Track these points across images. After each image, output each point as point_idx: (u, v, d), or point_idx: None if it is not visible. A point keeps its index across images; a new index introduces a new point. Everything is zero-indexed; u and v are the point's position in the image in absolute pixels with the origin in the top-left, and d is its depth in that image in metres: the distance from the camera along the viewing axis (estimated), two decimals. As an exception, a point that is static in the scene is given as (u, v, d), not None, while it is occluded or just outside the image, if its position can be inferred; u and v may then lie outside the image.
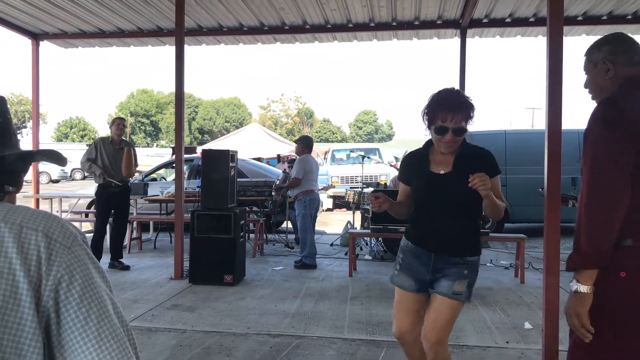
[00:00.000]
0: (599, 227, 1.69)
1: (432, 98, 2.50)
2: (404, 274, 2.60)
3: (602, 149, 1.72)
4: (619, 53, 1.88)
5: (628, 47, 1.89)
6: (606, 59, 1.90)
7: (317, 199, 7.15)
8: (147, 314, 4.73)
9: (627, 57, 1.88)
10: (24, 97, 52.10)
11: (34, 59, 9.15)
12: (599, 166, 1.71)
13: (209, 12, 7.81)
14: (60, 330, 0.82)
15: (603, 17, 7.86)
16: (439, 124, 2.42)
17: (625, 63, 1.87)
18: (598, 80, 1.95)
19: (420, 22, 8.22)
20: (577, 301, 1.75)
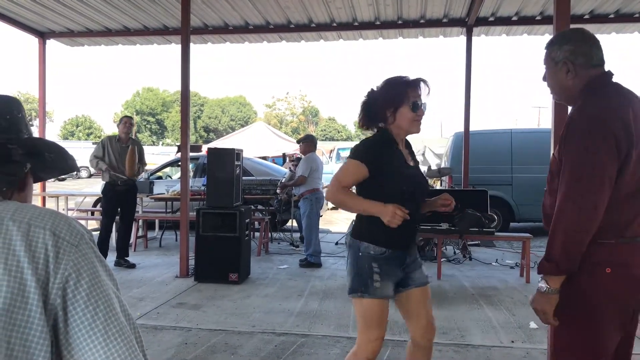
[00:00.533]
0: (573, 240, 1.73)
1: (391, 82, 2.41)
2: (386, 282, 2.36)
3: (585, 161, 1.72)
4: (579, 54, 1.89)
5: (588, 48, 1.90)
6: (566, 59, 1.90)
7: (322, 197, 7.16)
8: (152, 312, 4.75)
9: (586, 58, 1.88)
10: (30, 96, 52.32)
11: (40, 57, 9.19)
12: (579, 178, 1.72)
13: (214, 10, 7.82)
14: (67, 328, 0.83)
15: (610, 16, 7.82)
16: (414, 100, 2.34)
17: (585, 65, 1.88)
18: (560, 79, 1.95)
19: (426, 20, 8.20)
20: (544, 300, 1.83)
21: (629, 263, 1.78)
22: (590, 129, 1.74)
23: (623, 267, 1.78)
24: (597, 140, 1.71)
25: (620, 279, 1.77)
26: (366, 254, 2.35)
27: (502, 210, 9.39)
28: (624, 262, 1.78)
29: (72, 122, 62.61)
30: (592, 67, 1.89)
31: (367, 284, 2.33)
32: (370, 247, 2.35)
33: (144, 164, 6.86)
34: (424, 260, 7.14)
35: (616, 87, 1.88)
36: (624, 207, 1.77)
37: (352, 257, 2.41)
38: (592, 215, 1.70)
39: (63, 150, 1.06)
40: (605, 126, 1.72)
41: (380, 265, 2.34)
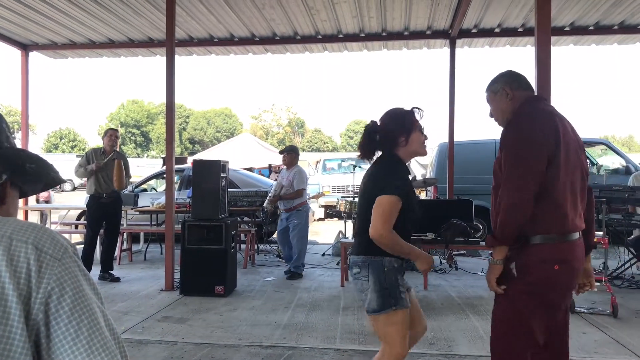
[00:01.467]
0: (508, 220, 2.18)
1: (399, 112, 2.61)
2: (405, 292, 2.51)
3: (523, 154, 2.18)
4: (513, 81, 2.43)
5: (517, 77, 2.45)
6: (503, 86, 2.42)
7: (310, 209, 7.19)
8: (137, 326, 4.69)
9: (518, 83, 2.42)
10: (12, 108, 51.74)
11: (23, 69, 9.12)
12: (518, 169, 2.17)
13: (199, 22, 7.83)
14: (50, 343, 0.81)
15: (590, 28, 7.98)
16: (420, 126, 2.60)
17: (519, 88, 2.40)
18: (501, 105, 2.45)
19: (409, 32, 8.29)
20: (490, 270, 2.33)
21: (570, 259, 2.22)
22: (521, 140, 2.21)
23: (566, 263, 2.21)
24: (526, 148, 2.18)
25: (564, 273, 2.22)
26: (391, 268, 2.46)
27: (487, 220, 9.41)
28: (566, 258, 2.21)
29: (56, 134, 62.00)
30: (523, 90, 2.41)
31: (397, 297, 2.44)
32: (393, 260, 2.46)
33: (129, 177, 6.82)
34: (410, 270, 7.15)
35: (543, 105, 2.36)
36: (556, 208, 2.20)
37: (377, 273, 2.44)
38: (523, 204, 2.16)
39: (45, 161, 1.04)
40: (532, 137, 2.19)
41: (401, 277, 2.51)
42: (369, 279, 2.45)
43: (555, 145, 2.18)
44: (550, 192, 2.18)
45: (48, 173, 1.03)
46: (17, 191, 1.02)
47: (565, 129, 2.27)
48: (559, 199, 2.20)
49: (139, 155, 59.15)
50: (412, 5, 7.12)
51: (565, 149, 2.21)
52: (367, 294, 2.47)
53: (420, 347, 4.08)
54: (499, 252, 2.27)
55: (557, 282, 2.23)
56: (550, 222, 2.20)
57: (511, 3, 7.01)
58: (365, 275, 2.47)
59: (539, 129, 2.20)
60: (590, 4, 7.02)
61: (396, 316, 2.43)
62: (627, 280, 6.27)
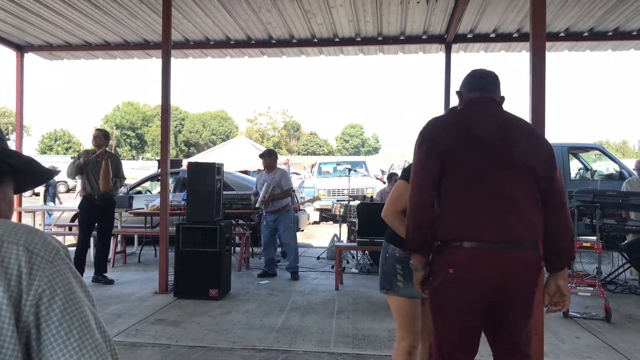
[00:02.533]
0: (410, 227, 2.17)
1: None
2: (409, 282, 2.52)
3: (416, 162, 2.21)
4: (463, 85, 2.39)
5: (469, 79, 2.37)
6: (461, 89, 2.39)
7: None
8: (131, 329, 4.67)
9: (467, 87, 2.35)
10: (7, 109, 51.56)
11: (18, 70, 9.09)
12: (413, 177, 2.19)
13: (195, 25, 7.83)
14: (40, 346, 0.81)
15: (585, 34, 8.02)
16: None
17: (469, 90, 2.34)
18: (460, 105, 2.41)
19: (405, 37, 8.31)
20: (414, 276, 2.29)
21: (470, 265, 2.06)
22: (415, 148, 2.24)
23: (463, 270, 2.07)
24: (417, 157, 2.20)
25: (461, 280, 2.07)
26: (392, 256, 2.66)
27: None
28: (465, 264, 2.07)
29: (51, 136, 61.82)
30: (472, 91, 2.33)
31: (391, 283, 2.65)
32: (396, 249, 2.63)
33: (122, 178, 6.79)
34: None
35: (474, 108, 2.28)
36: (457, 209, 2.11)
37: (382, 256, 2.74)
38: (418, 209, 2.14)
39: (26, 155, 1.02)
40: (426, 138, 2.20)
41: (403, 268, 2.60)
42: (380, 260, 2.76)
43: (455, 147, 2.10)
44: (453, 197, 2.10)
45: (31, 166, 1.01)
46: (9, 189, 1.00)
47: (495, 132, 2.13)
48: (463, 204, 2.08)
49: (134, 157, 59.03)
50: (408, 10, 7.15)
51: (478, 151, 2.09)
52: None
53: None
54: (414, 259, 2.26)
55: (451, 287, 2.09)
56: (454, 227, 2.07)
57: (506, 9, 7.05)
58: (380, 256, 2.78)
59: (432, 137, 2.17)
60: (585, 10, 7.06)
61: (393, 300, 2.67)
62: (621, 285, 6.29)
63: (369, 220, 6.24)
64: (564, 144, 10.02)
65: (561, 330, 4.65)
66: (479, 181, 2.08)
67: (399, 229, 2.49)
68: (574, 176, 10.44)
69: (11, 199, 1.02)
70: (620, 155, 42.68)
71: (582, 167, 11.24)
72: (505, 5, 6.92)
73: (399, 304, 2.64)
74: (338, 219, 8.85)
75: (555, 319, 4.93)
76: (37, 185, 1.13)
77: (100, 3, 6.92)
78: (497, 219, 2.04)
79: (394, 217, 2.53)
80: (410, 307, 2.63)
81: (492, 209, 2.05)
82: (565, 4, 6.85)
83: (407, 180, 2.44)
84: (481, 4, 6.89)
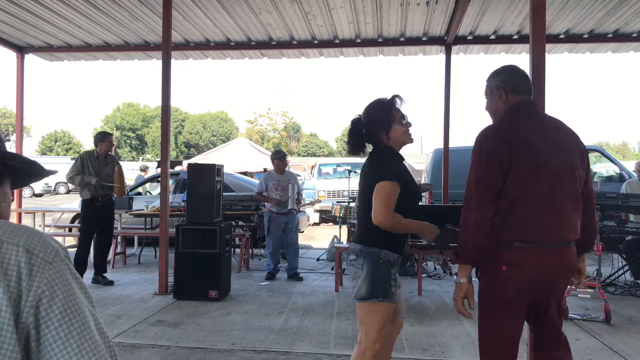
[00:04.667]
0: (468, 238, 2.21)
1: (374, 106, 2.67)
2: (397, 287, 2.58)
3: (477, 170, 2.20)
4: (509, 82, 2.36)
5: (516, 77, 2.37)
6: (500, 86, 2.37)
7: None
8: (130, 330, 4.67)
9: (514, 85, 2.35)
10: (7, 110, 51.55)
11: (18, 71, 9.09)
12: (473, 185, 2.20)
13: (196, 26, 7.84)
14: (40, 347, 0.81)
15: (584, 36, 8.02)
16: (400, 116, 2.64)
17: (514, 91, 2.34)
18: (494, 104, 2.43)
19: (405, 38, 8.32)
20: (456, 289, 2.31)
21: (521, 263, 2.18)
22: (475, 152, 2.22)
23: (516, 266, 2.18)
24: (479, 162, 2.20)
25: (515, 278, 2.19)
26: (387, 261, 2.53)
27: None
28: (516, 262, 2.18)
29: (51, 137, 61.80)
30: (518, 94, 2.35)
31: (386, 289, 2.52)
32: (390, 254, 2.54)
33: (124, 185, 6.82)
34: (405, 276, 7.16)
35: (526, 113, 2.31)
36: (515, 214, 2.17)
37: (371, 264, 2.53)
38: (481, 224, 2.16)
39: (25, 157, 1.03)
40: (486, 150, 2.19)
41: (395, 271, 2.57)
42: (364, 268, 2.55)
43: (517, 158, 2.16)
44: (514, 202, 2.17)
45: (33, 167, 1.02)
46: (7, 187, 1.01)
47: (541, 139, 2.22)
48: (524, 209, 2.17)
49: (134, 158, 59.02)
50: (408, 12, 7.15)
51: (532, 159, 2.17)
52: (358, 282, 2.58)
53: (414, 353, 4.09)
54: (462, 271, 2.28)
55: (506, 282, 2.21)
56: (518, 229, 2.17)
57: (506, 10, 7.05)
58: (360, 264, 2.57)
59: (494, 143, 2.19)
60: (585, 12, 7.07)
61: (380, 307, 2.54)
62: (621, 287, 6.29)
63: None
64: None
65: (561, 332, 4.64)
66: (537, 186, 2.18)
67: (400, 228, 2.49)
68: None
69: (9, 198, 1.03)
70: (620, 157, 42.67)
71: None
72: (505, 7, 6.92)
73: (387, 310, 2.56)
74: (338, 221, 8.84)
75: (555, 321, 4.93)
76: (31, 183, 1.14)
77: (100, 4, 6.93)
78: (554, 221, 2.20)
79: (393, 219, 2.46)
80: (391, 311, 2.59)
81: (549, 213, 2.19)
82: (565, 6, 6.86)
83: (395, 181, 2.48)
84: (481, 5, 6.90)
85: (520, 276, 2.19)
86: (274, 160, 7.32)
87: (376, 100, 2.69)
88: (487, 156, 2.18)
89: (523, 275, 2.19)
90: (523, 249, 2.17)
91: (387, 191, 2.47)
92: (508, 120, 2.30)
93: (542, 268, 2.20)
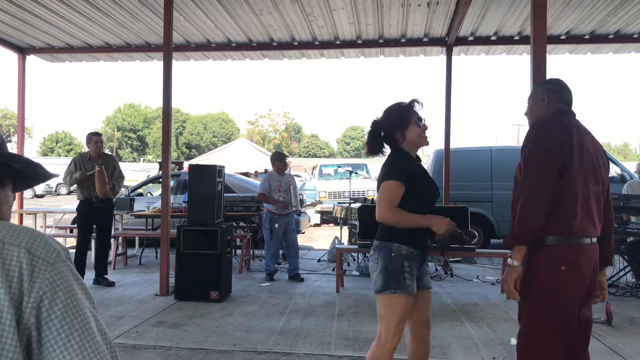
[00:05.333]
0: (525, 219, 2.25)
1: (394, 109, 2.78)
2: (413, 279, 2.64)
3: (537, 158, 2.28)
4: (554, 90, 2.51)
5: (561, 88, 2.52)
6: (545, 91, 2.52)
7: None
8: (131, 331, 4.67)
9: (559, 94, 2.50)
10: (9, 111, 51.62)
11: (20, 73, 9.11)
12: (533, 170, 2.27)
13: (197, 27, 7.85)
14: (41, 348, 0.81)
15: (586, 37, 8.02)
16: (417, 118, 2.74)
17: (557, 99, 2.49)
18: (535, 108, 2.55)
19: (406, 39, 8.32)
20: (509, 271, 2.34)
21: (576, 261, 2.26)
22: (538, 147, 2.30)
23: (572, 265, 2.25)
24: (542, 155, 2.27)
25: (571, 274, 2.25)
26: (399, 254, 2.62)
27: (483, 226, 9.46)
28: (572, 260, 2.25)
29: (52, 138, 61.85)
30: (560, 102, 2.48)
31: (399, 281, 2.60)
32: (402, 247, 2.62)
33: (121, 178, 6.70)
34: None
35: (566, 119, 2.42)
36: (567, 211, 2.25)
37: (384, 257, 2.65)
38: (538, 203, 2.23)
39: (30, 160, 1.03)
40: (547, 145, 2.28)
41: (410, 264, 2.63)
42: (378, 262, 2.66)
43: (569, 155, 2.26)
44: (561, 197, 2.25)
45: (36, 170, 1.02)
46: (9, 190, 1.01)
47: (583, 142, 2.34)
48: (569, 203, 2.26)
49: (135, 159, 59.07)
50: (409, 13, 7.16)
51: (579, 159, 2.28)
52: (374, 275, 2.68)
53: (415, 354, 4.08)
54: (518, 253, 2.31)
55: (564, 283, 2.26)
56: (559, 224, 2.25)
57: (507, 11, 7.06)
58: (376, 258, 2.69)
59: (553, 138, 2.28)
60: (586, 13, 7.07)
61: (395, 299, 2.61)
62: (622, 289, 6.28)
63: (370, 223, 6.23)
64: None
65: (562, 333, 4.64)
66: (582, 185, 2.29)
67: (401, 222, 2.59)
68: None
69: (11, 200, 1.03)
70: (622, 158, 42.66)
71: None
72: (506, 8, 6.93)
73: (402, 302, 2.61)
74: (339, 222, 8.84)
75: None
76: (34, 186, 1.14)
77: (101, 5, 6.94)
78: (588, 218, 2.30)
79: (394, 213, 2.58)
80: (411, 303, 2.65)
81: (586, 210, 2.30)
82: (566, 7, 6.86)
83: (399, 180, 2.59)
84: (482, 7, 6.90)
85: (576, 276, 2.27)
86: (274, 161, 7.31)
87: (396, 103, 2.80)
88: (550, 146, 2.27)
89: (579, 275, 2.27)
90: (577, 247, 2.27)
91: (389, 189, 2.60)
92: (563, 120, 2.40)
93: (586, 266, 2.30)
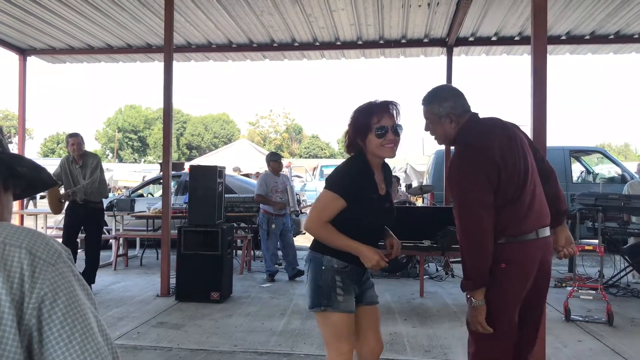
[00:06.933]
0: (475, 257, 2.17)
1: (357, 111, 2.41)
2: (348, 296, 2.36)
3: (466, 191, 2.19)
4: (458, 107, 2.37)
5: (460, 101, 2.39)
6: (450, 113, 2.36)
7: None
8: (132, 332, 4.67)
9: (463, 108, 2.39)
10: (10, 112, 51.64)
11: (21, 74, 9.12)
12: (466, 207, 2.19)
13: (197, 29, 7.85)
14: (42, 349, 0.81)
15: (586, 37, 8.02)
16: (378, 127, 2.31)
17: (461, 114, 2.37)
18: (445, 129, 2.40)
19: (407, 40, 8.33)
20: (476, 313, 2.21)
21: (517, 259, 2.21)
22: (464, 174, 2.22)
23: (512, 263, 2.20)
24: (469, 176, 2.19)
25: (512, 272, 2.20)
26: (329, 267, 2.35)
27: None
28: (512, 258, 2.20)
29: (53, 139, 61.84)
30: (465, 111, 2.39)
31: (330, 298, 2.33)
32: (334, 260, 2.35)
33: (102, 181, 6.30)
34: (407, 277, 7.16)
35: (482, 124, 2.38)
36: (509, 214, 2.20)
37: (314, 270, 2.39)
38: (482, 238, 2.15)
39: (36, 164, 1.03)
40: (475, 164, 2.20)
41: (342, 279, 2.34)
42: (308, 274, 2.44)
43: (501, 156, 2.20)
44: (500, 203, 2.20)
45: (40, 175, 1.03)
46: (11, 195, 1.02)
47: (510, 137, 2.30)
48: (509, 205, 2.21)
49: (136, 160, 59.07)
50: (409, 14, 7.16)
51: (513, 155, 2.23)
52: (305, 288, 2.47)
53: (416, 355, 4.08)
54: (479, 295, 2.20)
55: (503, 281, 2.20)
56: (502, 227, 2.20)
57: (508, 12, 7.06)
58: (306, 270, 2.47)
59: (480, 152, 2.22)
60: (586, 13, 7.07)
61: (329, 317, 2.35)
62: (623, 289, 6.28)
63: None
64: (566, 147, 10.01)
65: (563, 333, 4.64)
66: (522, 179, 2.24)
67: (325, 240, 2.33)
68: (576, 179, 10.43)
69: (12, 205, 1.03)
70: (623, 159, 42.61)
71: (584, 170, 11.23)
72: (506, 8, 6.93)
73: (337, 320, 2.34)
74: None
75: (557, 323, 4.92)
76: (35, 194, 1.13)
77: (102, 7, 6.95)
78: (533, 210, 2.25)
79: (321, 227, 2.31)
80: (349, 321, 2.36)
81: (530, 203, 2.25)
82: (566, 8, 6.86)
83: (339, 195, 2.29)
84: (482, 7, 6.91)
85: (518, 272, 2.22)
86: (270, 162, 7.33)
87: (365, 104, 2.42)
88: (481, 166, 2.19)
89: (521, 271, 2.22)
90: (517, 245, 2.22)
91: (325, 200, 2.33)
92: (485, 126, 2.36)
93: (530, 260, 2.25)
